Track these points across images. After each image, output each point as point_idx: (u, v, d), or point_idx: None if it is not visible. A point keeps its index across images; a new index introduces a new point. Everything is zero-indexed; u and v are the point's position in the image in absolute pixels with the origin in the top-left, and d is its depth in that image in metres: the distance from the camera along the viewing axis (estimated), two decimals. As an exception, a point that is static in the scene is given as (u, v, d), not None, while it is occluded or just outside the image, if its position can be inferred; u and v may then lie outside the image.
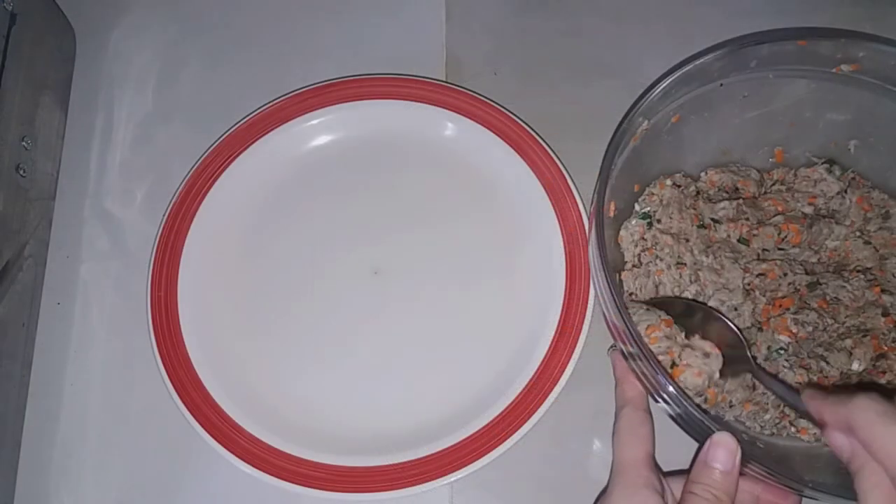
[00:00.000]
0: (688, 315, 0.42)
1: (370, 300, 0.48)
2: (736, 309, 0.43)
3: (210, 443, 0.42)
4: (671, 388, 0.35)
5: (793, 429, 0.42)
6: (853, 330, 0.43)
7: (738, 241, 0.45)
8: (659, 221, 0.45)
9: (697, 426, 0.36)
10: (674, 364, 0.39)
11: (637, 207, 0.47)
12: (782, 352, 0.42)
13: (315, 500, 0.42)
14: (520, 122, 0.50)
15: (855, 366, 0.42)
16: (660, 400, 0.38)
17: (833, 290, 0.44)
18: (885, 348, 0.42)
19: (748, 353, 0.40)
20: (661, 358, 0.39)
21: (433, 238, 0.49)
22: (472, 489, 0.44)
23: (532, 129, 0.50)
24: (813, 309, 0.43)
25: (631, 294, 0.45)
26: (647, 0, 0.56)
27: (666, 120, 0.44)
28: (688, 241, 0.45)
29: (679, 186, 0.47)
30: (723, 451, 0.34)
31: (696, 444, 0.38)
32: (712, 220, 0.46)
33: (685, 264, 0.44)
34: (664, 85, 0.41)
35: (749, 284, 0.44)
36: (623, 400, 0.39)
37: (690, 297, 0.43)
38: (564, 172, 0.49)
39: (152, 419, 0.45)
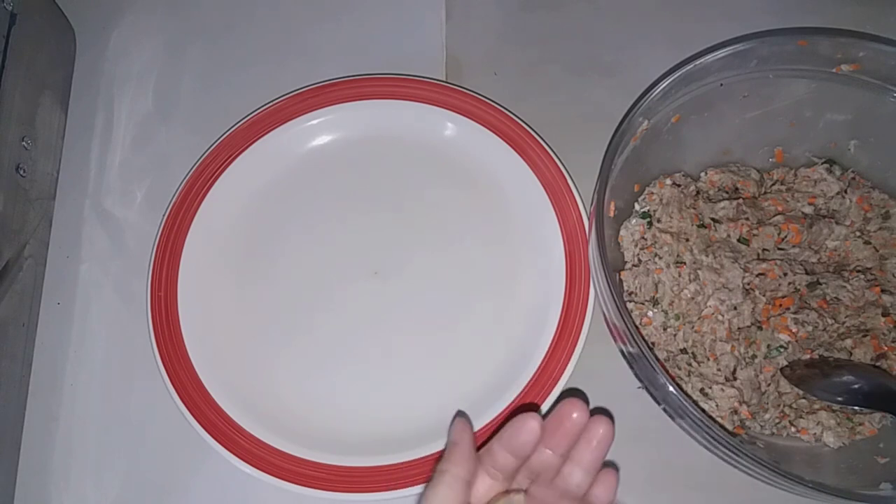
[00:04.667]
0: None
1: (370, 300, 0.48)
2: (735, 308, 0.43)
3: (210, 443, 0.42)
4: (671, 389, 0.35)
5: (793, 429, 0.41)
6: (853, 330, 0.43)
7: (738, 240, 0.45)
8: (659, 221, 0.45)
9: (698, 428, 0.36)
10: None
11: (637, 207, 0.47)
12: (782, 350, 0.42)
13: (315, 500, 0.42)
14: (520, 122, 0.50)
15: (855, 365, 0.42)
16: (662, 402, 0.38)
17: (833, 290, 0.44)
18: (885, 348, 0.42)
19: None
20: None
21: (433, 238, 0.49)
22: (472, 489, 0.43)
23: (532, 129, 0.50)
24: (813, 309, 0.43)
25: (631, 293, 0.45)
26: (647, 0, 0.56)
27: (666, 120, 0.44)
28: (687, 240, 0.45)
29: (679, 186, 0.47)
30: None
31: (701, 451, 0.38)
32: (712, 219, 0.46)
33: (684, 263, 0.44)
34: (664, 85, 0.41)
35: (749, 284, 0.44)
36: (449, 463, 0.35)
37: (690, 295, 0.43)
38: (564, 172, 0.49)
39: (152, 419, 0.45)
